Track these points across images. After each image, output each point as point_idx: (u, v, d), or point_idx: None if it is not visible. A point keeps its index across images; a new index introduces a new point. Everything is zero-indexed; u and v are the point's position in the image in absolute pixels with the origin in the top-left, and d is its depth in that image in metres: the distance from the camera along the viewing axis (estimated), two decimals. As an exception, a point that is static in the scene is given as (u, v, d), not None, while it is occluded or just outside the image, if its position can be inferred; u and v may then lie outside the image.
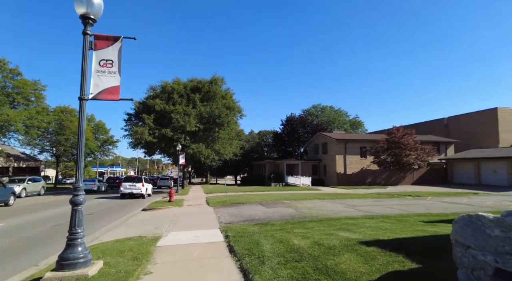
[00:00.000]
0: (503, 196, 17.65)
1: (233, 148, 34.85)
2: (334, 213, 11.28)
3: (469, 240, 3.18)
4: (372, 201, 15.77)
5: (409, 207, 12.85)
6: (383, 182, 31.91)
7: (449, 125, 46.29)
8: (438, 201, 15.13)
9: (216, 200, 17.59)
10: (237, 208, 13.94)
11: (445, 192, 20.29)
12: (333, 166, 35.22)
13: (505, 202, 14.35)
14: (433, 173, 33.13)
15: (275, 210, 12.65)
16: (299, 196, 18.21)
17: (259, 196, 19.28)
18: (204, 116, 29.36)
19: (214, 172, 66.48)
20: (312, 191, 23.71)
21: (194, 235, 8.25)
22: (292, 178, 35.49)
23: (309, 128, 52.12)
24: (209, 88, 31.53)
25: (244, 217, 11.00)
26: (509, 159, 26.32)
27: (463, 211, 11.21)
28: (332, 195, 19.22)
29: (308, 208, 12.85)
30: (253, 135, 66.95)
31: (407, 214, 10.41)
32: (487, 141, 37.82)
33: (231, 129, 33.22)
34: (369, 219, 9.37)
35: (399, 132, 31.92)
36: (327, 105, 63.86)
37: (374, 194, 19.95)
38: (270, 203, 15.23)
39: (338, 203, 14.72)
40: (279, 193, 21.54)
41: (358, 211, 11.84)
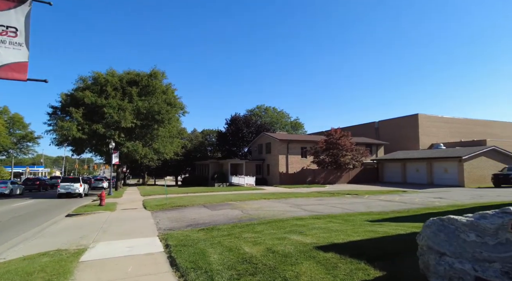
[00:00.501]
0: (427, 193, 19.51)
1: (174, 147, 33.07)
2: (281, 214, 11.01)
3: (443, 246, 2.93)
4: (315, 200, 16.03)
5: (351, 206, 13.25)
6: (322, 181, 33.32)
7: (379, 128, 50.51)
8: (375, 199, 16.00)
9: (154, 203, 16.19)
10: (179, 211, 12.88)
11: (378, 190, 21.75)
12: (276, 165, 35.69)
13: (430, 199, 15.76)
14: (366, 173, 35.68)
15: (221, 212, 11.95)
16: (245, 197, 17.76)
17: (203, 197, 18.34)
18: (142, 112, 27.20)
19: (153, 173, 62.81)
20: (257, 191, 23.50)
21: (128, 246, 7.14)
22: (236, 178, 35.02)
23: (253, 128, 52.31)
24: (148, 81, 29.34)
25: (187, 222, 10.09)
26: (428, 160, 29.54)
27: (399, 209, 11.89)
28: (276, 194, 19.17)
29: (255, 209, 12.42)
30: (196, 134, 64.94)
31: (352, 213, 10.61)
32: (410, 144, 42.14)
33: (172, 127, 31.43)
34: (316, 219, 9.26)
35: (337, 133, 33.63)
36: (271, 106, 65.04)
37: (316, 193, 20.47)
38: (214, 205, 14.46)
39: (284, 203, 14.60)
40: (224, 194, 20.83)
41: (304, 211, 11.78)
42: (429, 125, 44.64)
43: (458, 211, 10.87)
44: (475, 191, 21.11)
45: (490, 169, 27.58)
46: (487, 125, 49.76)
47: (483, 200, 14.70)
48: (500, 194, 17.85)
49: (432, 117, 45.36)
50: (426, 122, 44.30)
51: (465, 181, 25.83)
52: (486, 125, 49.63)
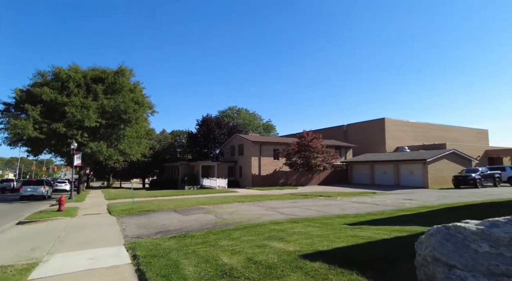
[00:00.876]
0: (396, 195, 20.06)
1: (142, 148, 31.53)
2: (258, 218, 10.60)
3: (452, 257, 2.66)
4: (290, 202, 15.82)
5: (326, 208, 13.15)
6: (294, 183, 33.43)
7: (347, 131, 51.89)
8: (348, 201, 16.09)
9: (120, 207, 15.12)
10: (147, 216, 12.04)
11: (350, 192, 22.06)
12: (249, 167, 35.32)
13: (400, 200, 16.14)
14: (336, 174, 36.35)
15: (193, 217, 11.29)
16: (218, 200, 17.15)
17: (173, 201, 17.47)
18: (108, 111, 25.60)
19: (118, 175, 59.88)
20: (230, 194, 22.93)
21: (89, 257, 6.35)
22: (207, 180, 34.16)
23: (225, 129, 51.60)
24: (114, 79, 27.71)
25: (157, 228, 9.36)
26: (395, 162, 30.64)
27: (374, 211, 11.93)
28: (250, 197, 18.75)
29: (230, 213, 11.90)
30: (165, 134, 62.92)
31: (328, 216, 10.44)
32: (377, 147, 43.66)
33: (140, 127, 29.95)
34: (294, 223, 8.95)
35: (309, 136, 33.98)
36: (243, 108, 64.68)
37: (289, 195, 20.32)
38: (186, 209, 13.73)
39: (259, 206, 14.21)
40: (195, 197, 20.05)
41: (280, 214, 11.46)
42: (395, 129, 46.57)
43: (430, 212, 11.11)
44: (439, 192, 22.08)
45: (451, 171, 29.13)
46: (446, 129, 52.90)
47: (449, 201, 15.28)
48: (462, 195, 18.75)
49: (398, 121, 47.38)
50: (392, 126, 46.16)
51: (429, 183, 27.03)
52: (445, 129, 52.73)
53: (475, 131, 57.18)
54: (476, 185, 24.81)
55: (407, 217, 9.74)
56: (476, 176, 25.12)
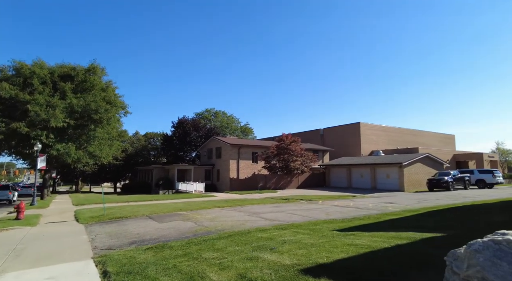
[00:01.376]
0: (375, 198, 20.11)
1: (114, 151, 29.89)
2: (241, 224, 9.93)
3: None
4: (272, 207, 15.27)
5: (310, 213, 12.72)
6: (273, 186, 33.01)
7: (324, 135, 52.46)
8: (330, 205, 15.80)
9: (89, 214, 13.89)
10: (119, 224, 11.01)
11: (330, 196, 21.90)
12: (227, 171, 34.52)
13: (382, 204, 16.08)
14: (314, 178, 36.38)
15: (171, 225, 10.42)
16: (196, 205, 16.26)
17: (147, 206, 16.37)
18: (77, 110, 23.90)
19: (88, 179, 56.76)
20: (208, 198, 22.04)
21: (49, 277, 5.42)
22: (183, 184, 32.92)
23: (202, 132, 50.43)
24: (85, 77, 26.04)
25: (130, 238, 8.45)
26: (372, 165, 31.08)
27: (359, 215, 11.63)
28: (230, 201, 18.01)
29: (210, 220, 11.14)
30: (138, 137, 60.53)
31: (315, 222, 9.97)
32: (353, 150, 44.38)
33: (111, 128, 28.35)
34: (281, 230, 8.39)
35: (288, 139, 33.78)
36: (220, 110, 63.66)
37: (269, 199, 19.79)
38: (162, 215, 12.79)
39: (240, 211, 13.54)
40: (172, 202, 19.01)
41: (265, 220, 10.87)
42: (370, 133, 47.62)
43: (416, 216, 10.96)
44: (416, 195, 22.45)
45: (424, 174, 29.95)
46: (417, 134, 54.91)
47: (429, 204, 15.39)
48: (438, 198, 19.10)
49: (372, 126, 48.52)
50: (367, 130, 47.17)
51: (405, 186, 27.56)
52: (416, 134, 54.72)
53: (443, 136, 59.88)
54: (448, 188, 25.59)
55: (396, 222, 9.48)
56: (449, 179, 25.92)
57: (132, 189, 37.26)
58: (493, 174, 29.40)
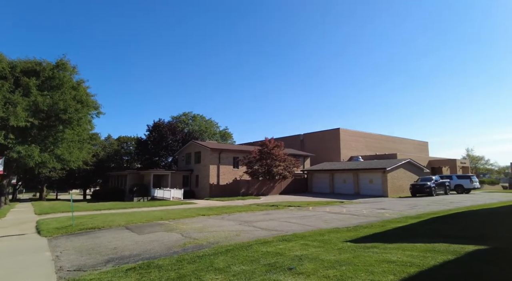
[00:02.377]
0: (365, 204, 19.55)
1: (84, 154, 27.58)
2: (235, 235, 8.74)
3: None
4: (262, 214, 14.14)
5: (306, 221, 11.73)
6: (255, 192, 31.88)
7: (304, 140, 52.23)
8: (322, 212, 14.92)
9: (54, 224, 12.10)
10: (91, 236, 9.44)
11: (317, 202, 21.10)
12: (207, 176, 33.02)
13: (375, 210, 15.42)
14: (297, 183, 35.67)
15: (153, 237, 9.01)
16: (177, 213, 14.79)
17: (123, 215, 14.68)
18: (42, 109, 21.66)
19: (55, 185, 52.78)
20: (189, 206, 20.51)
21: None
22: (160, 191, 31.00)
23: (179, 136, 48.57)
24: (53, 73, 23.78)
25: (106, 254, 7.01)
26: (355, 171, 30.84)
27: (360, 222, 10.80)
28: (214, 209, 16.67)
29: (198, 230, 9.83)
30: (111, 141, 57.42)
31: (318, 231, 8.97)
32: (333, 156, 44.31)
33: (82, 130, 26.08)
34: (287, 242, 7.31)
35: (271, 143, 32.95)
36: (199, 114, 61.87)
37: (255, 206, 18.63)
38: (141, 225, 11.28)
39: (229, 220, 12.29)
40: (149, 210, 17.35)
41: (261, 230, 9.73)
42: (349, 139, 47.93)
43: (421, 222, 10.27)
44: (403, 200, 22.16)
45: (406, 180, 30.10)
46: (394, 141, 56.14)
47: (423, 210, 14.92)
48: (428, 204, 18.80)
49: (351, 132, 48.93)
50: (346, 136, 47.45)
51: (388, 191, 27.43)
52: (393, 141, 55.92)
53: (418, 143, 61.71)
54: (431, 193, 25.69)
55: (405, 230, 8.71)
56: (431, 184, 26.05)
57: (103, 196, 34.69)
58: (470, 179, 30.07)
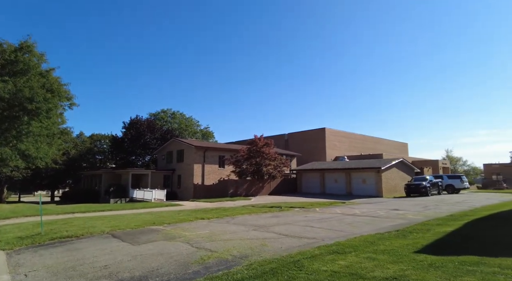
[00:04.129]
0: (371, 204, 18.28)
1: (54, 150, 24.51)
2: (261, 245, 6.90)
3: None
4: (270, 217, 12.33)
5: (328, 224, 10.10)
6: (244, 193, 29.97)
7: (289, 140, 51.03)
8: (336, 214, 13.39)
9: (16, 232, 9.64)
10: (69, 249, 7.20)
11: (320, 202, 19.57)
12: (190, 176, 30.70)
13: (392, 211, 14.10)
14: (286, 184, 34.16)
15: (154, 248, 6.95)
16: (169, 217, 12.65)
17: (104, 219, 12.31)
18: (3, 96, 18.70)
19: (17, 186, 47.81)
20: (177, 208, 18.28)
21: None
22: (140, 192, 28.32)
23: (158, 134, 45.59)
24: (16, 56, 20.72)
25: (95, 278, 4.93)
26: (347, 170, 29.80)
27: (393, 226, 9.31)
28: (209, 211, 14.66)
29: (208, 239, 7.87)
30: (83, 138, 53.22)
31: (363, 238, 7.32)
32: (318, 156, 43.33)
33: (52, 123, 23.10)
34: (341, 255, 5.60)
35: (260, 141, 31.26)
36: (178, 111, 58.88)
37: (250, 207, 16.76)
38: (131, 232, 9.11)
39: (237, 224, 10.39)
40: (134, 213, 15.00)
41: (285, 237, 7.95)
42: (333, 139, 47.29)
43: (467, 226, 8.94)
44: (404, 201, 21.14)
45: (399, 179, 29.47)
46: (377, 141, 56.36)
47: (439, 211, 13.82)
48: (437, 203, 17.89)
49: (336, 132, 48.37)
50: (331, 136, 46.78)
51: (383, 191, 26.55)
52: (376, 141, 56.11)
53: (399, 144, 62.51)
54: (427, 193, 25.06)
55: (466, 238, 7.28)
56: (427, 184, 25.44)
57: (75, 198, 31.36)
58: (461, 179, 29.95)
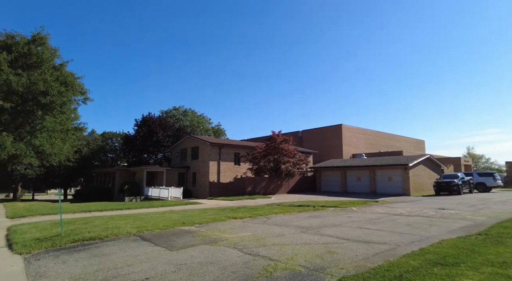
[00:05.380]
0: (408, 203, 16.92)
1: (68, 146, 23.68)
2: (327, 252, 5.69)
3: None
4: (310, 217, 11.08)
5: (384, 226, 8.83)
6: (262, 191, 28.78)
7: (303, 137, 49.62)
8: (381, 213, 12.10)
9: (33, 233, 8.62)
10: (95, 254, 6.09)
11: (350, 201, 18.22)
12: (206, 174, 29.69)
13: (440, 211, 12.74)
14: (304, 182, 32.89)
15: (197, 254, 5.79)
16: (196, 216, 11.52)
17: (127, 219, 11.25)
18: (16, 90, 17.84)
19: (31, 185, 47.56)
20: (198, 206, 17.19)
21: None
22: (155, 190, 27.38)
23: (170, 131, 44.74)
24: (29, 49, 19.91)
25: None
26: (371, 167, 28.33)
27: (462, 227, 7.98)
28: (236, 210, 13.51)
29: (256, 243, 6.68)
30: (95, 136, 52.75)
31: (452, 244, 6.04)
32: (334, 153, 41.83)
33: (66, 118, 22.28)
34: (448, 268, 4.34)
35: (279, 137, 30.03)
36: (190, 109, 58.01)
37: (276, 206, 15.54)
38: (161, 234, 7.98)
39: (276, 225, 9.19)
40: (156, 212, 13.94)
41: (347, 241, 6.72)
42: (350, 135, 45.72)
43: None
44: (440, 199, 19.65)
45: (426, 177, 27.91)
46: (393, 138, 54.50)
47: (492, 211, 12.38)
48: (483, 203, 16.39)
49: (353, 128, 46.78)
50: (348, 133, 45.21)
51: (410, 189, 25.07)
52: (392, 138, 54.26)
53: (414, 141, 60.49)
54: (459, 191, 23.49)
55: None
56: (459, 182, 23.87)
57: (88, 196, 30.60)
58: (493, 177, 28.20)
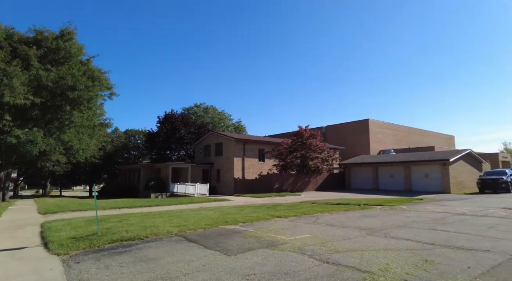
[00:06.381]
0: (462, 201, 15.43)
1: (95, 142, 23.46)
2: (429, 264, 4.64)
3: None
4: (364, 217, 9.96)
5: (460, 227, 7.64)
6: (289, 188, 27.73)
7: (326, 133, 48.02)
8: (438, 213, 10.84)
9: (68, 231, 8.00)
10: (140, 258, 5.27)
11: (393, 199, 16.87)
12: (230, 170, 28.95)
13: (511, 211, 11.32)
14: (333, 179, 31.55)
15: (262, 262, 4.85)
16: (235, 213, 10.63)
17: (163, 216, 10.51)
18: (46, 85, 17.54)
19: (58, 181, 48.63)
20: (229, 203, 16.41)
21: None
22: (181, 186, 26.93)
23: (192, 128, 44.41)
24: (57, 44, 19.63)
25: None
26: (406, 163, 26.66)
27: None
28: (272, 208, 12.57)
29: (326, 248, 5.70)
30: (118, 134, 53.31)
31: None
32: (360, 149, 40.05)
33: (93, 114, 22.00)
34: None
35: (306, 132, 28.84)
36: (211, 106, 57.63)
37: (311, 204, 14.47)
38: (207, 234, 7.13)
39: (332, 226, 8.17)
40: (188, 209, 13.21)
41: (438, 247, 5.61)
42: (377, 131, 43.75)
43: None
44: (495, 198, 17.83)
45: (466, 174, 25.99)
46: (422, 134, 51.93)
47: None
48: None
49: (380, 123, 44.81)
50: (375, 128, 43.29)
51: (451, 187, 23.30)
52: (421, 134, 51.71)
53: (445, 137, 57.55)
54: (508, 189, 21.54)
55: None
56: (507, 179, 21.90)
57: (114, 193, 30.64)
58: (542, 174, 25.85)
